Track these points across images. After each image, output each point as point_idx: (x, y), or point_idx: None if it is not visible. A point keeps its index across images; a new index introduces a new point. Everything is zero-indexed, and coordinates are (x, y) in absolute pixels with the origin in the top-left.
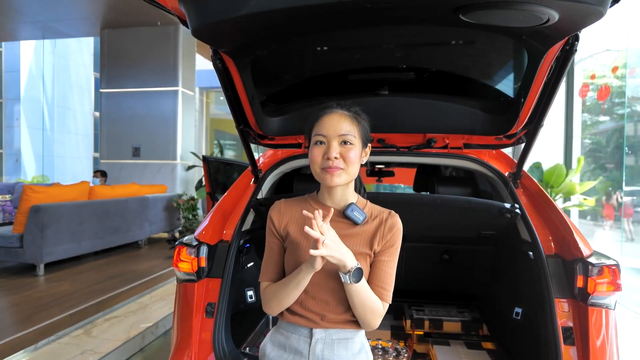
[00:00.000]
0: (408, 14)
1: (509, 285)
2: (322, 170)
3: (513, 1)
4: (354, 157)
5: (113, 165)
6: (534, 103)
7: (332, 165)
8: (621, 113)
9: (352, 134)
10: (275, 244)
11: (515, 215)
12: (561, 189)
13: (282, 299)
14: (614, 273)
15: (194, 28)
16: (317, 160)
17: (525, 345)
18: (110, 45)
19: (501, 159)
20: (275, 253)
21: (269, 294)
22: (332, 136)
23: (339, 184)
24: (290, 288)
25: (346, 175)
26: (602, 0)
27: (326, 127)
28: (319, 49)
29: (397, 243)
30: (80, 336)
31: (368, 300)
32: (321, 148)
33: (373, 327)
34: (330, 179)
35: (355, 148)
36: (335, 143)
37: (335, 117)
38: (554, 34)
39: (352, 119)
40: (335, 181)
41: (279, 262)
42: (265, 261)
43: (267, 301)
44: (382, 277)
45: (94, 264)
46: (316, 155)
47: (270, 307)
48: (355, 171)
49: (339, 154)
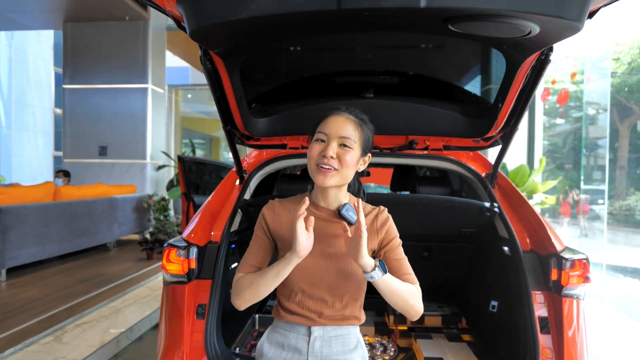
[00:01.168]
0: (399, 22)
1: (486, 280)
2: (317, 167)
3: (500, 14)
4: (350, 160)
5: (77, 165)
6: (511, 108)
7: (326, 163)
8: (576, 116)
9: (353, 139)
10: (263, 240)
11: (494, 214)
12: (525, 188)
13: (259, 289)
14: (584, 266)
15: (192, 30)
16: (313, 156)
17: (502, 336)
18: (74, 39)
19: (478, 160)
20: (260, 249)
21: (244, 284)
22: (333, 136)
23: (330, 185)
24: (268, 277)
25: (339, 177)
26: (579, 17)
27: (329, 126)
28: (307, 52)
29: (396, 234)
30: (50, 343)
31: (403, 288)
32: (320, 145)
33: (420, 312)
34: (322, 179)
35: (353, 152)
36: (334, 143)
37: (341, 119)
38: (533, 45)
39: (356, 124)
40: (327, 182)
41: (261, 258)
42: (248, 254)
43: (239, 291)
44: (401, 266)
45: (61, 268)
46: (314, 151)
47: (241, 298)
48: (350, 175)
49: (335, 154)
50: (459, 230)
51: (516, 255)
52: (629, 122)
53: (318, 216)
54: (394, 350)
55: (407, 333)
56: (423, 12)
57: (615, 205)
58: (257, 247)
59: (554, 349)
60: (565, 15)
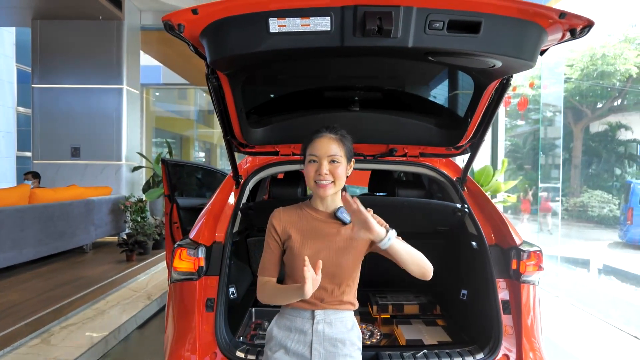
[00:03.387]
0: (389, 53)
1: (457, 272)
2: (315, 184)
3: (471, 53)
4: (340, 172)
5: (48, 166)
6: (478, 121)
7: (322, 179)
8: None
9: (339, 154)
10: (274, 245)
11: (465, 214)
12: (489, 187)
13: (278, 300)
14: (538, 257)
15: (213, 60)
16: (311, 175)
17: (471, 319)
18: (44, 37)
19: (450, 166)
20: (273, 253)
21: (268, 291)
22: (323, 156)
23: (328, 194)
24: (280, 297)
25: (335, 187)
26: (532, 57)
27: (317, 149)
28: (301, 70)
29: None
30: (38, 345)
31: (413, 249)
32: (314, 166)
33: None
34: (322, 192)
35: (342, 165)
36: (325, 162)
37: (325, 140)
38: (496, 73)
39: (338, 142)
40: (327, 192)
41: (276, 261)
42: (264, 259)
43: (263, 295)
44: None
45: (38, 271)
46: (310, 171)
47: (264, 299)
48: (342, 183)
49: (328, 171)
50: (434, 229)
51: (483, 249)
52: (582, 124)
53: (317, 218)
54: (379, 335)
55: (389, 320)
56: (410, 49)
57: (570, 202)
58: (271, 254)
59: (514, 326)
60: (521, 57)
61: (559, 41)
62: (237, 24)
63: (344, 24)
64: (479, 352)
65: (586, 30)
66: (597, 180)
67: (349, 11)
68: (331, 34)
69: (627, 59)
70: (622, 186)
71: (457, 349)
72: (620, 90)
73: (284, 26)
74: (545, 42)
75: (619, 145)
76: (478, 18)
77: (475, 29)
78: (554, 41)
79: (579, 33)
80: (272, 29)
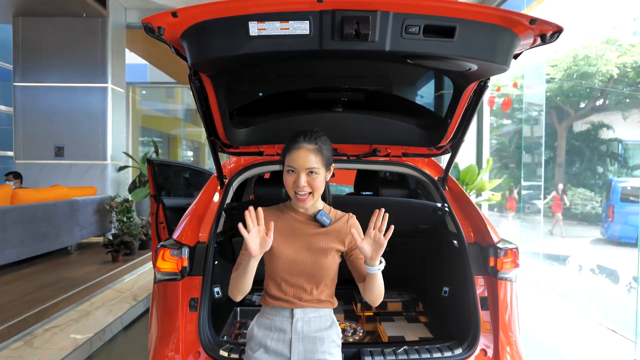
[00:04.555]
0: (368, 56)
1: (438, 269)
2: (295, 194)
3: (447, 57)
4: (319, 184)
5: (31, 166)
6: (458, 122)
7: (300, 191)
8: (520, 117)
9: (317, 165)
10: None
11: (445, 213)
12: (474, 186)
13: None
14: (514, 254)
15: (194, 62)
16: (289, 184)
17: (452, 315)
18: (26, 34)
19: (431, 166)
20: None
21: (232, 281)
22: (300, 169)
23: (308, 206)
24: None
25: (313, 198)
26: (505, 61)
27: (295, 160)
28: (284, 71)
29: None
30: (21, 348)
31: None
32: (292, 176)
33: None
34: (302, 205)
35: (320, 176)
36: (303, 175)
37: (303, 152)
38: (473, 76)
39: (316, 152)
40: (306, 205)
41: None
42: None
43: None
44: None
45: (20, 273)
46: (289, 181)
47: (232, 292)
48: (320, 192)
49: (306, 183)
50: (415, 227)
51: (463, 247)
52: (566, 123)
53: (297, 219)
54: (362, 332)
55: (373, 318)
56: (388, 53)
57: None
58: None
59: (492, 322)
60: (496, 60)
61: (530, 46)
62: (217, 27)
63: (323, 28)
64: (458, 347)
65: (556, 36)
66: (580, 178)
67: (327, 15)
68: (310, 37)
69: (608, 60)
70: (604, 184)
71: (437, 344)
72: (602, 90)
73: (264, 29)
74: (517, 46)
75: (601, 144)
76: (453, 23)
77: (450, 34)
78: (526, 46)
79: (549, 38)
80: (252, 32)
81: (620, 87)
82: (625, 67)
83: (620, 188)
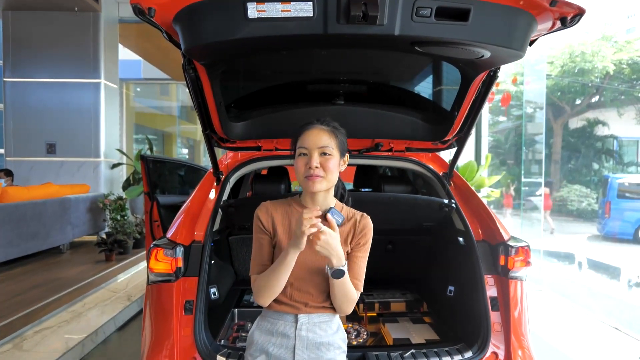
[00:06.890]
0: (375, 43)
1: (443, 268)
2: (305, 178)
3: (459, 42)
4: (332, 166)
5: (22, 163)
6: (465, 115)
7: (313, 173)
8: (518, 114)
9: (331, 146)
10: (264, 239)
11: (452, 209)
12: (473, 182)
13: (274, 285)
14: (526, 252)
15: (187, 48)
16: (300, 169)
17: (459, 316)
18: (16, 29)
19: (436, 161)
20: (264, 247)
21: (261, 284)
22: (313, 148)
23: (319, 190)
24: (279, 271)
25: (326, 182)
26: (522, 46)
27: (307, 140)
28: (283, 62)
29: (369, 241)
30: (10, 351)
31: (347, 291)
32: (304, 159)
33: (346, 313)
34: (312, 186)
35: (334, 158)
36: (315, 154)
37: (315, 131)
38: (484, 65)
39: (330, 133)
40: (317, 187)
41: (269, 256)
42: (255, 256)
43: (259, 292)
44: (357, 270)
45: (9, 274)
46: (300, 165)
47: (262, 296)
48: (334, 178)
49: (319, 164)
50: (420, 224)
51: (470, 245)
52: (562, 120)
53: None
54: (365, 334)
55: (376, 319)
56: (397, 37)
57: (551, 196)
58: (260, 247)
59: (502, 323)
60: (512, 46)
61: (549, 30)
62: (212, 9)
63: (328, 10)
64: (467, 350)
65: (577, 19)
66: (576, 174)
67: None
68: (313, 20)
69: (604, 57)
70: (600, 180)
71: (445, 347)
72: (597, 87)
73: (263, 11)
74: (535, 31)
75: (597, 141)
76: (467, 5)
77: (464, 17)
78: (544, 30)
79: (570, 22)
80: (251, 15)
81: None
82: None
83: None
